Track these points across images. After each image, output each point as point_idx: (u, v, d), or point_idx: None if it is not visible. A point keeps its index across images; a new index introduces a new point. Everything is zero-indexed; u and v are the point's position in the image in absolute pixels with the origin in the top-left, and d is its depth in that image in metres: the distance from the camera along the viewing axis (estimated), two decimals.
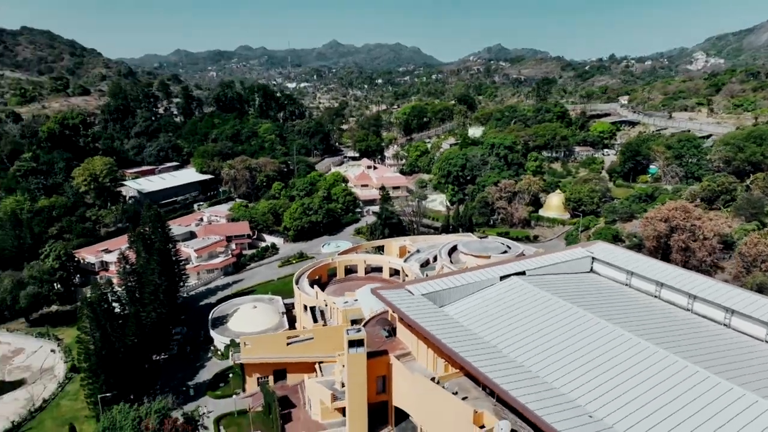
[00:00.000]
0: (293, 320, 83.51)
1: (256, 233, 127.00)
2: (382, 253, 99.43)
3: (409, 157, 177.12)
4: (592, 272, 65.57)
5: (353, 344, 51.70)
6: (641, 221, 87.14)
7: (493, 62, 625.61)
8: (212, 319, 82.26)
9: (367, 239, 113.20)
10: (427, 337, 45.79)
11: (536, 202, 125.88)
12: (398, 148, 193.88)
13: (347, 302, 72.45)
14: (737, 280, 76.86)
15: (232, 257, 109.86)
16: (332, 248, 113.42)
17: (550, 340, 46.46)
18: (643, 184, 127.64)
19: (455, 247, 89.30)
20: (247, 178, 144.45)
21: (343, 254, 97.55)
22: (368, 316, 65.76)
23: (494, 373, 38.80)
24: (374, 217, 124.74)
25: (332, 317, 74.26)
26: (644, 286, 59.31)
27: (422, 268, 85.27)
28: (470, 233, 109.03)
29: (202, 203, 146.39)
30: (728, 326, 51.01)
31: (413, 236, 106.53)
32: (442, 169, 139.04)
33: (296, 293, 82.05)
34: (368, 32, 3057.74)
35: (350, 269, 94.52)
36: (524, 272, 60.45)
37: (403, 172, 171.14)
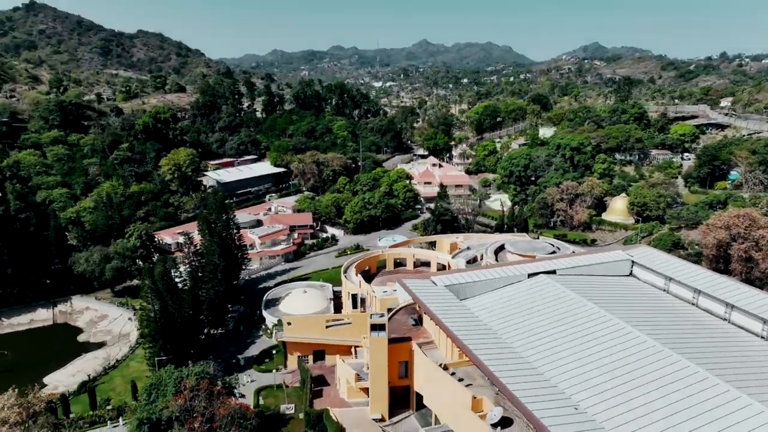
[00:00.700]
0: (341, 307, 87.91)
1: (319, 224, 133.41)
2: (434, 248, 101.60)
3: (476, 156, 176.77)
4: (631, 276, 64.02)
5: (375, 328, 54.68)
6: (701, 228, 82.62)
7: (587, 61, 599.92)
8: (266, 300, 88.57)
9: (420, 234, 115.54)
10: (436, 322, 47.85)
11: (601, 205, 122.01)
12: (466, 147, 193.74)
13: (386, 291, 75.41)
14: None
15: (293, 245, 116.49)
16: (388, 242, 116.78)
17: (564, 338, 46.66)
18: (720, 190, 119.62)
19: (503, 246, 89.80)
20: (314, 171, 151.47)
21: (393, 247, 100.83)
22: (402, 305, 68.40)
23: (490, 360, 40.24)
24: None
25: (371, 305, 77.63)
26: (682, 292, 57.29)
27: (468, 264, 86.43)
28: (525, 233, 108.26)
29: (273, 194, 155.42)
30: (766, 339, 48.57)
31: (466, 234, 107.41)
32: (505, 168, 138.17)
33: (343, 282, 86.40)
34: (459, 31, 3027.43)
35: (399, 262, 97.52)
36: (554, 271, 60.39)
37: (469, 171, 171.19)
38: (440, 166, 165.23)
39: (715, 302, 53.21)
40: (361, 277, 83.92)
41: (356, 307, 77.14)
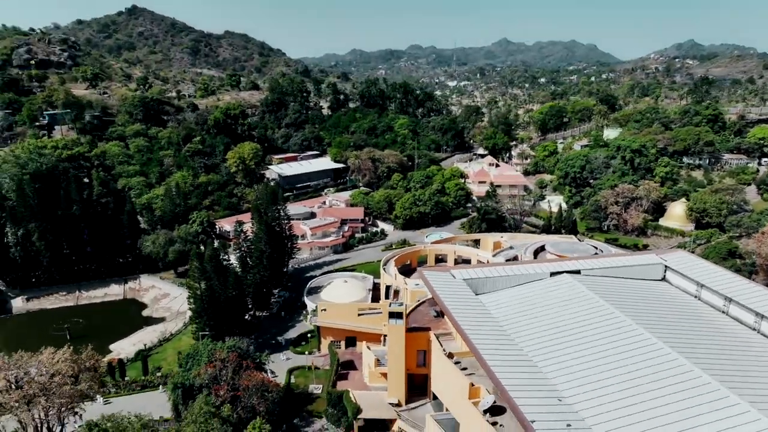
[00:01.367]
0: (379, 298, 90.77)
1: (371, 219, 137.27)
2: (478, 246, 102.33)
3: (536, 156, 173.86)
4: (663, 281, 62.27)
5: (393, 316, 57.18)
6: (756, 236, 77.95)
7: (677, 60, 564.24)
8: (309, 287, 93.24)
9: (466, 232, 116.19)
10: (443, 311, 49.60)
11: (660, 210, 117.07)
12: (525, 147, 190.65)
13: (417, 284, 77.53)
14: None
15: (342, 238, 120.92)
16: (434, 238, 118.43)
17: (571, 337, 46.67)
18: None
19: (543, 246, 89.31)
20: (370, 168, 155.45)
21: (435, 243, 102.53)
22: (428, 297, 70.37)
23: (485, 348, 41.58)
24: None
25: (404, 296, 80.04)
26: (713, 299, 55.26)
27: (508, 263, 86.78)
28: (572, 235, 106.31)
29: (330, 189, 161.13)
30: None
31: (511, 233, 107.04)
32: (560, 170, 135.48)
33: (381, 274, 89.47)
34: (541, 29, 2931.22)
35: (441, 258, 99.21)
36: (579, 271, 60.02)
37: (527, 172, 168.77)
38: (497, 165, 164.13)
39: (745, 311, 51.12)
40: (396, 269, 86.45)
41: (388, 297, 79.81)
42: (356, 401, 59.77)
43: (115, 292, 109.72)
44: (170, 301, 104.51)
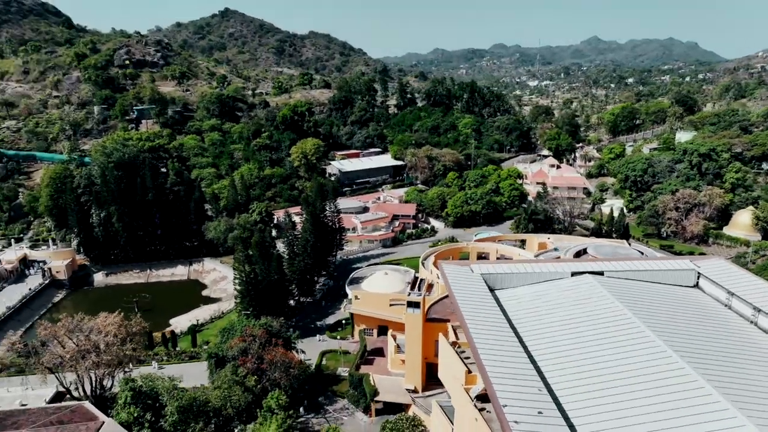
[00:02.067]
0: None
1: (423, 216, 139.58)
2: (524, 246, 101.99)
3: (601, 159, 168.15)
4: (696, 288, 60.15)
5: (411, 305, 59.93)
6: None
7: None
8: (351, 277, 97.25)
9: (513, 232, 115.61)
10: (450, 301, 51.46)
11: (726, 218, 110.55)
12: (591, 149, 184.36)
13: None
14: None
15: (391, 232, 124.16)
16: (482, 237, 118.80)
17: (577, 336, 47.00)
18: None
19: (585, 249, 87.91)
20: (426, 165, 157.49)
21: (478, 241, 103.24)
22: None
23: (479, 336, 43.17)
24: None
25: (437, 290, 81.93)
26: (743, 308, 53.03)
27: (534, 260, 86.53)
28: (624, 240, 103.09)
29: (388, 185, 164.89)
30: None
31: (558, 235, 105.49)
32: (621, 172, 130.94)
33: (420, 269, 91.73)
34: (635, 27, 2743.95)
35: (483, 256, 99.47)
36: (602, 273, 59.45)
37: (590, 174, 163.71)
38: (558, 167, 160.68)
39: None
40: (433, 264, 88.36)
41: (415, 289, 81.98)
42: (375, 384, 62.88)
43: (180, 272, 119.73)
44: (227, 283, 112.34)
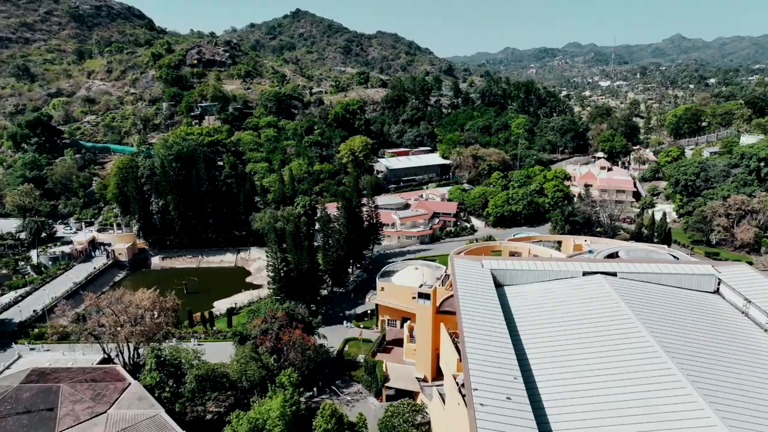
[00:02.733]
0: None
1: (465, 214, 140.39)
2: (560, 248, 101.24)
3: (657, 161, 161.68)
4: (716, 294, 58.59)
5: (421, 296, 62.32)
6: None
7: None
8: (383, 271, 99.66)
9: (551, 233, 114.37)
10: (454, 294, 53.27)
11: None
12: (644, 151, 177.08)
13: None
14: None
15: (429, 229, 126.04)
16: (520, 237, 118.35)
17: (574, 334, 47.47)
18: None
19: (617, 253, 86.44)
20: (471, 165, 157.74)
21: (511, 240, 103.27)
22: None
23: (468, 327, 44.94)
24: None
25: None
26: (759, 317, 51.52)
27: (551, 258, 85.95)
28: (665, 245, 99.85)
29: (433, 183, 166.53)
30: None
31: (594, 237, 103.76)
32: (672, 176, 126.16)
33: (449, 265, 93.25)
34: (723, 23, 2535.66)
35: (515, 255, 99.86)
36: (615, 273, 59.14)
37: (644, 178, 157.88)
38: (609, 169, 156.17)
39: None
40: None
41: (443, 284, 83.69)
42: (386, 371, 65.63)
43: (229, 259, 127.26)
44: None
